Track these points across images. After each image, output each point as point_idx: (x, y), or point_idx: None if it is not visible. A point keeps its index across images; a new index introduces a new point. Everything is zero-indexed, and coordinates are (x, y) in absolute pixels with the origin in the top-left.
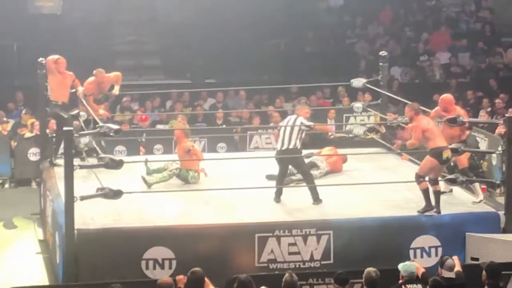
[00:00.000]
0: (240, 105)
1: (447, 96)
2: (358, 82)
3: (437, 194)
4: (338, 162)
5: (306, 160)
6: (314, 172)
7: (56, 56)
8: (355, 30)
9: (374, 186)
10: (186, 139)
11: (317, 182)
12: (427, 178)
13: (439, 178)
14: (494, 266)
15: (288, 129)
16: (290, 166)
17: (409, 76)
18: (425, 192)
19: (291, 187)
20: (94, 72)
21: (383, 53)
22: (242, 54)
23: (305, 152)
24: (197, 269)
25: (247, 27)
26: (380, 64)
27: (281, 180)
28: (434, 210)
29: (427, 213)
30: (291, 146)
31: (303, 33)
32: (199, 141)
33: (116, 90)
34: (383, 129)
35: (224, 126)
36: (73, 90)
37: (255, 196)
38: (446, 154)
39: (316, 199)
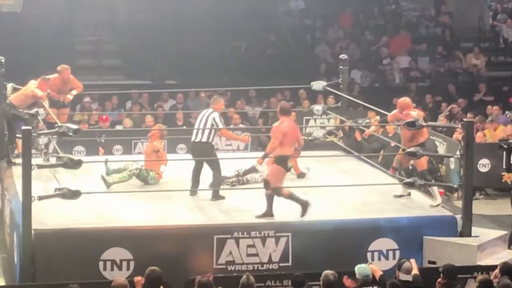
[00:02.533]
0: (201, 106)
1: (405, 100)
2: (318, 85)
3: (270, 198)
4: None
5: (249, 165)
6: (254, 175)
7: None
8: (316, 33)
9: (333, 189)
10: (159, 139)
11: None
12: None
13: (398, 182)
14: (451, 267)
15: (203, 121)
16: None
17: (369, 79)
18: (270, 199)
19: (252, 189)
20: (59, 68)
21: (343, 56)
22: (203, 56)
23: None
24: (155, 268)
25: (208, 29)
26: (340, 67)
27: (198, 174)
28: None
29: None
30: (203, 139)
31: (264, 35)
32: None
33: (71, 95)
34: (341, 133)
35: (184, 127)
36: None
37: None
38: (291, 163)
39: (215, 196)
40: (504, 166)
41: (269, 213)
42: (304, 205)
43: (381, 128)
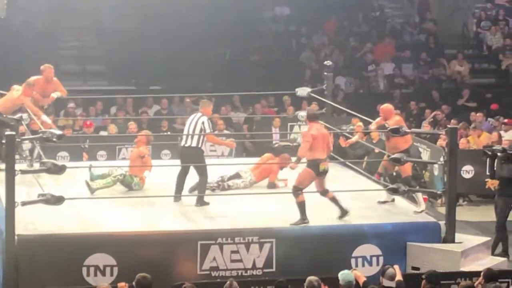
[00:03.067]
0: (185, 112)
1: (387, 106)
2: (303, 91)
3: (301, 205)
4: (269, 172)
5: (234, 171)
6: (236, 181)
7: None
8: (301, 40)
9: (317, 194)
10: (145, 145)
11: (245, 191)
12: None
13: (382, 188)
14: (434, 273)
15: (192, 126)
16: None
17: (354, 86)
18: (301, 205)
19: (235, 195)
20: (42, 67)
21: (327, 62)
22: (188, 62)
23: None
24: (146, 274)
25: (193, 35)
26: (325, 73)
27: (183, 180)
28: (306, 221)
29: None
30: (193, 144)
31: (249, 41)
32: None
33: (55, 94)
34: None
35: (169, 133)
36: None
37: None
38: (323, 166)
39: (200, 202)
40: (487, 173)
41: (303, 220)
42: (303, 220)
43: (365, 135)
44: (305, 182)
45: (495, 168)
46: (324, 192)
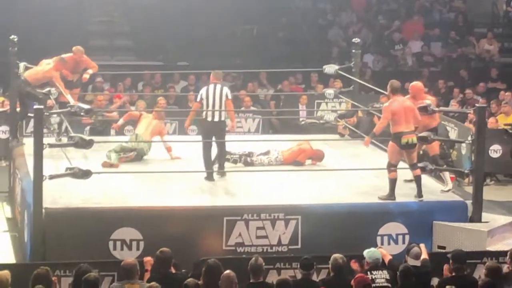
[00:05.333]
0: None
1: (417, 84)
2: (330, 68)
3: (418, 178)
4: (299, 155)
5: (265, 149)
6: (262, 157)
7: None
8: (328, 17)
9: (343, 172)
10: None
11: (270, 168)
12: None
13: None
14: (460, 252)
15: (218, 99)
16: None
17: (382, 64)
18: (392, 182)
19: (263, 171)
20: (74, 49)
21: (355, 40)
22: (215, 39)
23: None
24: (166, 249)
25: (220, 12)
26: (353, 51)
27: (210, 155)
28: (392, 198)
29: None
30: (222, 118)
31: (276, 18)
32: (170, 123)
33: (87, 74)
34: (354, 120)
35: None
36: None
37: (225, 179)
38: (406, 139)
39: (209, 177)
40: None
41: (391, 196)
42: (391, 196)
43: None
44: (393, 157)
45: None
46: (412, 166)
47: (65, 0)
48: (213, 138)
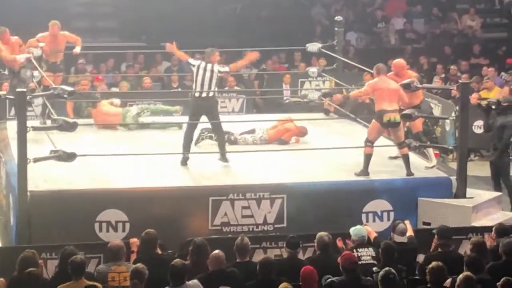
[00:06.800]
0: None
1: (399, 61)
2: (313, 46)
3: (405, 157)
4: (283, 133)
5: (250, 126)
6: (246, 136)
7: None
8: None
9: (327, 151)
10: None
11: (254, 147)
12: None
13: (392, 143)
14: (445, 228)
15: (208, 75)
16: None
17: (365, 41)
18: (367, 157)
19: (248, 151)
20: (49, 24)
21: (338, 18)
22: (198, 18)
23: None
24: (151, 230)
25: None
26: (336, 29)
27: (191, 137)
28: (366, 174)
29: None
30: (210, 94)
31: None
32: (154, 105)
33: (77, 49)
34: (332, 109)
35: (179, 89)
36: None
37: (209, 159)
38: (387, 117)
39: (223, 156)
40: (483, 127)
41: (364, 173)
42: (364, 172)
43: None
44: (372, 133)
45: (489, 122)
46: (399, 145)
47: None
48: (202, 119)
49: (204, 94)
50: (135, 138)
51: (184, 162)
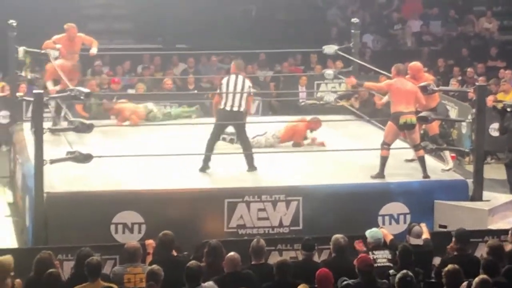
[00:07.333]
0: (212, 70)
1: (416, 64)
2: (329, 49)
3: (422, 159)
4: (294, 134)
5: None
6: (259, 138)
7: None
8: None
9: (344, 153)
10: None
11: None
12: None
13: (408, 146)
14: (464, 232)
15: (239, 87)
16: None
17: (381, 44)
18: (383, 160)
19: (263, 152)
20: (65, 26)
21: (354, 20)
22: (214, 21)
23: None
24: (168, 232)
25: None
26: (352, 31)
27: (213, 147)
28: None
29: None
30: (241, 109)
31: None
32: (170, 106)
33: (94, 50)
34: (356, 104)
35: (195, 91)
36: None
37: (225, 161)
38: (404, 119)
39: (251, 167)
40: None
41: (380, 175)
42: (380, 175)
43: None
44: (389, 136)
45: (504, 124)
46: (415, 147)
47: None
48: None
49: (235, 108)
50: (152, 137)
51: (203, 170)
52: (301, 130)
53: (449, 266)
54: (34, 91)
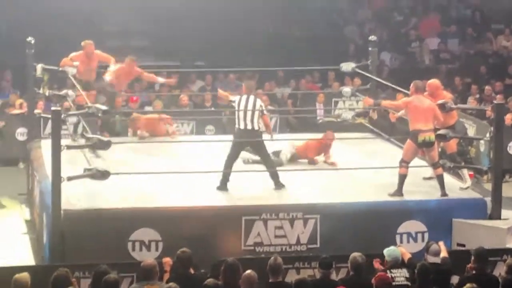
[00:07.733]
0: (229, 88)
1: (434, 81)
2: (347, 66)
3: (440, 177)
4: (305, 148)
5: (279, 147)
6: (276, 158)
7: None
8: (344, 14)
9: (361, 170)
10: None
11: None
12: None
13: (426, 164)
14: (482, 251)
15: (251, 107)
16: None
17: (399, 61)
18: (401, 178)
19: (280, 170)
20: (83, 43)
21: (372, 37)
22: (231, 37)
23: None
24: (186, 249)
25: (237, 10)
26: (370, 48)
27: (231, 167)
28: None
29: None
30: (256, 127)
31: (292, 16)
32: (188, 124)
33: (111, 68)
34: (375, 116)
35: (213, 108)
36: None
37: (242, 179)
38: (422, 137)
39: (278, 184)
40: None
41: (398, 192)
42: (399, 192)
43: None
44: (407, 154)
45: None
46: (433, 165)
47: (80, 0)
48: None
49: (249, 127)
50: (169, 153)
51: (221, 189)
52: (312, 145)
53: (468, 285)
54: (52, 108)
